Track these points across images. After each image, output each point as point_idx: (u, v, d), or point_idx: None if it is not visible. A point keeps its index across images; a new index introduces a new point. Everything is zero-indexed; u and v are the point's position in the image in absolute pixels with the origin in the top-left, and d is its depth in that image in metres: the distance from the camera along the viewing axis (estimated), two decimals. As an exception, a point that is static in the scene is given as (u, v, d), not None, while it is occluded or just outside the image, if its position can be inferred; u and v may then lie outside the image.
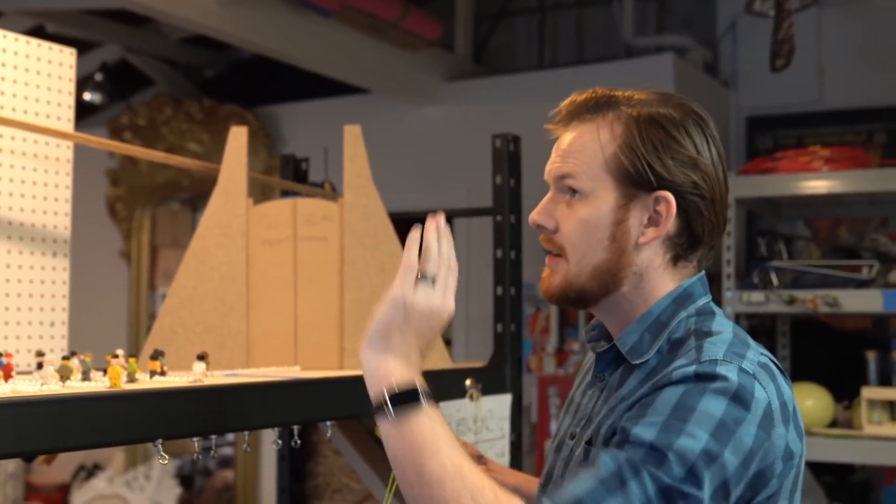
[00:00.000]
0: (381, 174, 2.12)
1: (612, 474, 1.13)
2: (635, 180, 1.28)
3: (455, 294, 1.27)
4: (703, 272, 1.36)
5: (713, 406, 1.15)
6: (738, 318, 3.51)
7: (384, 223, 2.07)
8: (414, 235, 1.26)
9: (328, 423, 1.71)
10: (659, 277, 1.31)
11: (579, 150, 1.32)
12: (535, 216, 1.35)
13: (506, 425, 2.22)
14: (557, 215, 1.33)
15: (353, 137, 2.09)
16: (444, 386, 2.01)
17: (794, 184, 3.51)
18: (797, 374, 4.05)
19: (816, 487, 3.70)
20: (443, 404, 1.90)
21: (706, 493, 1.12)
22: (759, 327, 4.24)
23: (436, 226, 1.28)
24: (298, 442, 1.68)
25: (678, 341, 1.28)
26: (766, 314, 3.84)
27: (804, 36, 3.99)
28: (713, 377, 1.17)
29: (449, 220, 1.31)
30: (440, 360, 2.06)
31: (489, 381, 2.15)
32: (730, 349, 1.22)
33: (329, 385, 1.69)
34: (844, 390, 3.61)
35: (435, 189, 5.05)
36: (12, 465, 5.68)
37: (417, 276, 1.25)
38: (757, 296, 3.48)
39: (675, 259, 1.31)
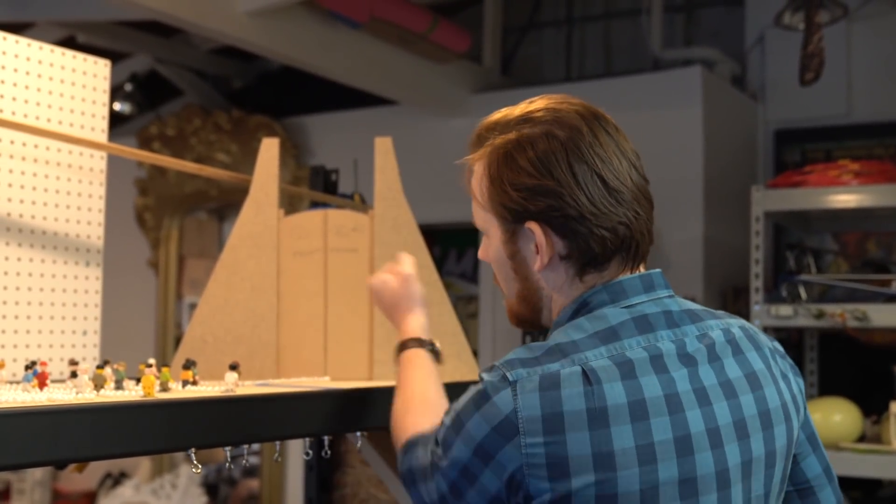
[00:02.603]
0: (409, 185, 2.13)
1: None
2: (508, 216, 1.27)
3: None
4: (627, 275, 1.26)
5: (461, 401, 1.23)
6: (765, 332, 3.48)
7: (414, 235, 2.08)
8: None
9: (358, 433, 1.72)
10: (565, 295, 1.27)
11: (472, 189, 1.35)
12: (479, 254, 1.40)
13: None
14: None
15: (383, 149, 2.10)
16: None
17: (823, 198, 3.50)
18: (825, 388, 4.02)
19: (844, 503, 3.67)
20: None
21: (448, 461, 1.21)
22: (787, 341, 4.21)
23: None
24: (329, 452, 1.69)
25: None
26: (793, 328, 3.82)
27: (833, 49, 3.97)
28: (480, 380, 1.21)
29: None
30: (468, 371, 2.07)
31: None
32: (519, 356, 1.19)
33: (359, 396, 1.70)
34: (873, 405, 3.58)
35: (461, 201, 4.98)
36: (40, 472, 5.73)
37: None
38: (785, 309, 3.46)
39: (581, 273, 1.25)
